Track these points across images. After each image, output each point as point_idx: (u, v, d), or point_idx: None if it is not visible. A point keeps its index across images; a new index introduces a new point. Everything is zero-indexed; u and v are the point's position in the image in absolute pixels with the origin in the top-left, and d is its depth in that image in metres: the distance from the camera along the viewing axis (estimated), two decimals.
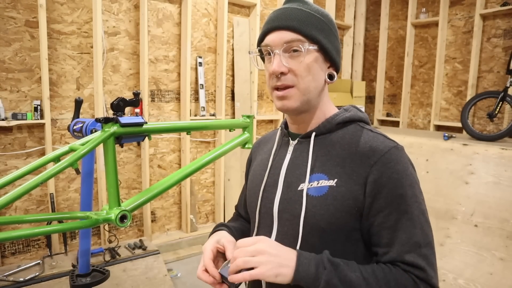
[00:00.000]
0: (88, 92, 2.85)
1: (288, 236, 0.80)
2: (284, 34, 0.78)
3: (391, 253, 0.73)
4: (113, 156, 0.80)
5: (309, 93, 0.80)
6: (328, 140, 0.83)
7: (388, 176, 0.74)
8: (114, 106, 0.82)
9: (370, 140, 0.79)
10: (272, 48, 0.79)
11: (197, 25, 3.38)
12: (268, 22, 0.82)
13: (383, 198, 0.74)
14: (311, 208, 0.77)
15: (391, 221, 0.74)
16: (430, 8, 4.36)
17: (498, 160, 2.65)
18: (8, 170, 2.56)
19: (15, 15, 2.48)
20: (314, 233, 0.77)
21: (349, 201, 0.75)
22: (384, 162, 0.75)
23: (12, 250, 2.61)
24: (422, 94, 4.53)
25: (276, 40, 0.79)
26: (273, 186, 0.86)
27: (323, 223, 0.76)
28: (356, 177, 0.76)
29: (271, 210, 0.85)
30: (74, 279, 1.42)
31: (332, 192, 0.76)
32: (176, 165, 3.41)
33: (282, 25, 0.78)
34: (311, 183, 0.79)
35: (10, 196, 0.65)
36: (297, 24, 0.78)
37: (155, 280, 2.63)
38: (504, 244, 2.40)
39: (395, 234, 0.74)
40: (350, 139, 0.81)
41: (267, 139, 1.02)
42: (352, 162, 0.77)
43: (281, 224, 0.83)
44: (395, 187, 0.74)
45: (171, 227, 3.47)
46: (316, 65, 0.80)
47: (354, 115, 0.86)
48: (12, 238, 0.65)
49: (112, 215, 0.76)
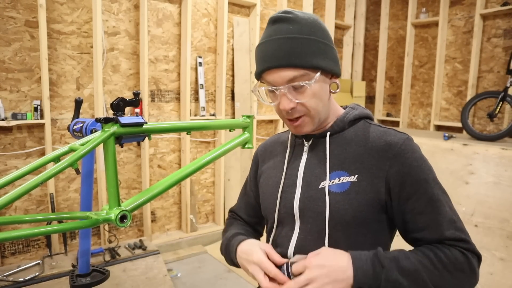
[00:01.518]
0: (88, 92, 2.85)
1: (312, 232, 0.83)
2: (285, 73, 0.77)
3: (432, 235, 0.78)
4: (113, 156, 0.80)
5: (319, 113, 0.83)
6: (342, 138, 0.87)
7: (409, 165, 0.80)
8: (114, 106, 0.82)
9: (383, 135, 0.84)
10: (277, 87, 0.79)
11: (197, 25, 3.38)
12: (264, 59, 0.80)
13: (409, 186, 0.79)
14: (334, 203, 0.81)
15: (422, 206, 0.79)
16: (430, 8, 4.36)
17: (498, 160, 2.65)
18: (8, 170, 2.56)
19: (15, 15, 2.48)
20: (339, 228, 0.81)
21: (371, 194, 0.80)
22: (401, 154, 0.80)
23: (12, 250, 2.61)
24: (422, 94, 4.53)
25: (279, 81, 0.79)
26: (292, 186, 0.88)
27: (347, 217, 0.80)
28: (376, 171, 0.80)
29: (292, 209, 0.87)
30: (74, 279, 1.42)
31: (354, 187, 0.81)
32: (176, 165, 3.41)
33: (281, 64, 0.77)
34: (332, 181, 0.83)
35: (10, 196, 0.65)
36: (296, 60, 0.77)
37: (155, 280, 2.62)
38: (504, 244, 2.40)
39: (429, 217, 0.79)
40: (363, 136, 0.86)
41: (274, 143, 1.04)
42: (370, 157, 0.82)
43: (303, 222, 0.85)
44: (418, 173, 0.80)
45: (171, 227, 3.47)
46: (321, 88, 0.81)
47: (362, 112, 0.91)
48: (12, 238, 0.65)
49: (112, 215, 0.76)
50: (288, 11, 0.81)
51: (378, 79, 4.94)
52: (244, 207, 1.10)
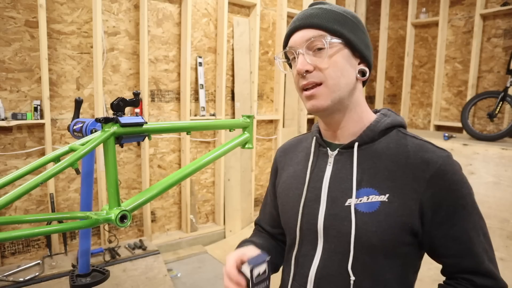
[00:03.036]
0: (88, 92, 2.85)
1: (337, 253, 0.77)
2: (305, 33, 0.76)
3: (465, 263, 0.74)
4: (113, 156, 0.80)
5: (339, 89, 0.76)
6: (372, 150, 0.78)
7: (446, 189, 0.72)
8: (114, 106, 0.82)
9: (419, 150, 0.75)
10: (296, 49, 0.78)
11: (197, 25, 3.38)
12: (290, 24, 0.81)
13: (444, 211, 0.73)
14: (361, 225, 0.73)
15: (457, 232, 0.73)
16: (430, 8, 4.36)
17: (498, 160, 2.65)
18: (8, 170, 2.55)
19: (15, 15, 2.48)
20: (365, 251, 0.74)
21: (402, 217, 0.72)
22: (440, 175, 0.72)
23: (12, 250, 2.61)
24: (422, 94, 4.53)
25: (298, 40, 0.77)
26: (315, 201, 0.81)
27: (375, 240, 0.73)
28: (409, 192, 0.72)
29: (315, 226, 0.80)
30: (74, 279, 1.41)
31: (384, 208, 0.73)
32: (176, 165, 3.41)
33: (302, 24, 0.77)
34: (359, 198, 0.75)
35: (10, 196, 0.65)
36: (317, 20, 0.76)
37: (155, 280, 2.62)
38: (504, 244, 2.40)
39: (463, 246, 0.73)
40: (396, 149, 0.77)
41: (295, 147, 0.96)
42: (403, 175, 0.74)
43: (327, 241, 0.79)
44: (455, 198, 0.73)
45: (171, 227, 3.47)
46: (343, 60, 0.76)
47: (394, 120, 0.81)
48: (12, 238, 0.65)
49: (112, 215, 0.76)
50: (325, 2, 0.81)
51: (378, 79, 4.94)
52: (268, 218, 1.01)
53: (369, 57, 0.79)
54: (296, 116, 4.22)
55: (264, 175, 4.12)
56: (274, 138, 4.08)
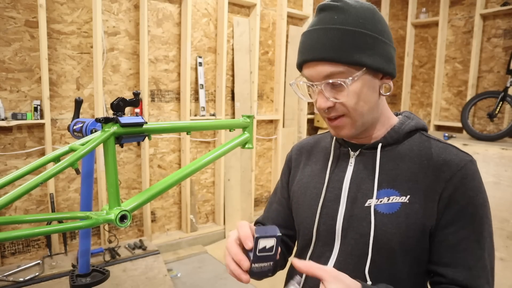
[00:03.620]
0: (88, 92, 2.85)
1: (353, 256, 0.74)
2: (322, 68, 0.69)
3: (455, 275, 0.69)
4: (113, 156, 0.80)
5: (363, 117, 0.73)
6: (396, 152, 0.77)
7: (462, 192, 0.70)
8: (114, 106, 0.82)
9: (443, 152, 0.74)
10: (313, 82, 0.72)
11: (197, 25, 3.38)
12: (302, 51, 0.72)
13: (451, 215, 0.70)
14: (381, 226, 0.71)
15: (456, 239, 0.70)
16: (430, 8, 4.36)
17: (498, 160, 2.66)
18: (8, 170, 2.55)
19: (15, 15, 2.48)
20: (383, 254, 0.72)
21: (423, 219, 0.70)
22: (460, 177, 0.70)
23: (12, 250, 2.61)
24: (422, 94, 4.53)
25: (315, 75, 0.71)
26: (335, 201, 0.79)
27: (394, 243, 0.71)
28: (430, 194, 0.71)
29: (333, 227, 0.78)
30: (74, 279, 1.41)
31: (405, 209, 0.71)
32: (176, 165, 3.41)
33: (317, 57, 0.69)
34: (380, 199, 0.73)
35: (10, 196, 0.65)
36: (334, 54, 0.68)
37: (155, 280, 2.62)
38: (504, 244, 2.40)
39: (459, 255, 0.69)
40: (419, 151, 0.75)
41: (312, 146, 0.92)
42: (425, 177, 0.72)
43: (344, 243, 0.76)
44: (468, 204, 0.70)
45: (171, 227, 3.47)
46: (365, 88, 0.71)
47: (418, 123, 0.80)
48: (12, 238, 0.65)
49: (112, 215, 0.76)
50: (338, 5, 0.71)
51: None
52: (275, 217, 0.95)
53: (392, 69, 0.74)
54: (296, 116, 4.22)
55: (264, 175, 4.12)
56: (274, 138, 4.08)
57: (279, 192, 0.97)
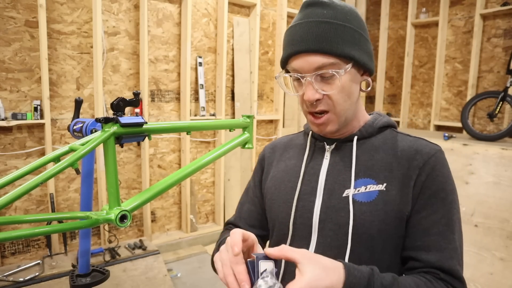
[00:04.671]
0: (88, 92, 2.85)
1: (332, 247, 0.74)
2: (314, 59, 0.70)
3: (430, 258, 0.70)
4: (113, 156, 0.80)
5: (346, 112, 0.76)
6: (369, 144, 0.80)
7: (433, 178, 0.74)
8: (114, 106, 0.82)
9: (414, 143, 0.78)
10: (302, 74, 0.72)
11: (197, 25, 3.38)
12: (292, 43, 0.72)
13: (424, 200, 0.73)
14: (360, 215, 0.72)
15: (428, 223, 0.72)
16: (430, 8, 4.36)
17: (498, 160, 2.65)
18: (8, 170, 2.56)
19: (15, 15, 2.48)
20: (363, 243, 0.72)
21: (400, 206, 0.72)
22: (431, 165, 0.74)
23: (12, 250, 2.61)
24: (422, 94, 4.53)
25: (306, 67, 0.71)
26: (311, 194, 0.79)
27: (373, 230, 0.72)
28: (405, 180, 0.74)
29: (310, 220, 0.77)
30: (74, 279, 1.41)
31: (383, 197, 0.73)
32: (176, 165, 3.41)
33: (310, 49, 0.69)
34: (357, 189, 0.74)
35: (10, 196, 0.65)
36: (327, 45, 0.69)
37: (155, 280, 2.62)
38: (504, 244, 2.40)
39: (434, 238, 0.71)
40: (392, 144, 0.79)
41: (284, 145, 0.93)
42: (399, 165, 0.75)
43: (322, 235, 0.76)
44: (439, 190, 0.73)
45: (171, 227, 3.47)
46: (350, 82, 0.73)
47: (389, 120, 0.85)
48: (12, 238, 0.65)
49: (112, 215, 0.76)
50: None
51: (378, 79, 4.94)
52: (247, 217, 0.94)
53: (372, 66, 0.78)
54: (296, 116, 4.22)
55: None
56: (274, 138, 4.08)
57: (251, 192, 0.96)
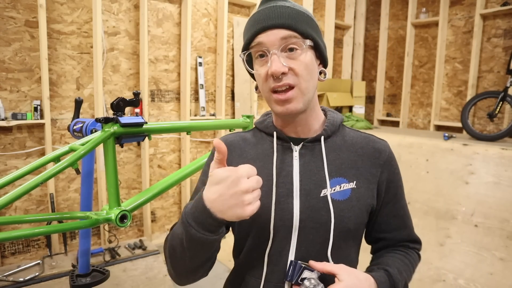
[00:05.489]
0: (88, 92, 2.85)
1: (315, 243, 0.79)
2: (278, 31, 0.74)
3: (401, 235, 0.90)
4: (113, 156, 0.80)
5: (309, 92, 0.78)
6: (333, 143, 0.85)
7: (393, 172, 0.87)
8: (114, 106, 0.82)
9: (368, 141, 0.87)
10: (268, 48, 0.74)
11: (197, 25, 3.38)
12: (258, 21, 0.76)
13: (391, 192, 0.86)
14: (339, 212, 0.79)
15: (396, 210, 0.88)
16: (430, 8, 4.36)
17: (498, 160, 2.65)
18: (8, 170, 2.56)
19: (15, 15, 2.48)
20: (342, 236, 0.80)
21: (368, 200, 0.82)
22: (389, 161, 0.86)
23: (12, 250, 2.61)
24: (422, 94, 4.53)
25: (272, 39, 0.74)
26: (287, 196, 0.80)
27: (351, 224, 0.80)
28: (370, 177, 0.83)
29: (290, 221, 0.79)
30: (74, 279, 1.42)
31: (355, 194, 0.81)
32: (176, 165, 3.41)
33: (276, 24, 0.73)
34: (333, 188, 0.80)
35: (10, 196, 0.65)
36: (291, 21, 0.74)
37: (155, 280, 2.63)
38: (504, 244, 2.40)
39: (401, 220, 0.89)
40: (351, 142, 0.86)
41: (240, 144, 0.89)
42: (363, 163, 0.84)
43: (304, 233, 0.79)
44: (398, 180, 0.88)
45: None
46: (312, 62, 0.78)
47: (341, 116, 0.91)
48: (12, 238, 0.65)
49: (112, 215, 0.76)
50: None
51: (378, 79, 4.94)
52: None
53: (327, 58, 0.84)
54: None
55: None
56: None
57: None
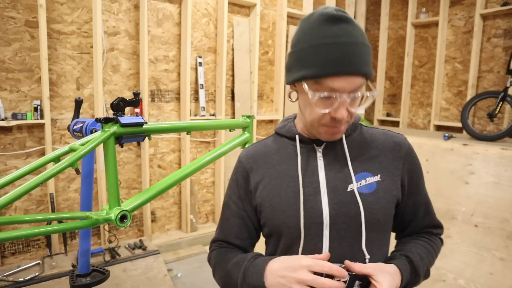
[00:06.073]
0: (88, 92, 2.85)
1: (348, 238, 0.81)
2: (355, 80, 0.73)
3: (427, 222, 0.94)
4: (113, 156, 0.80)
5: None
6: (353, 140, 0.88)
7: (414, 163, 0.90)
8: (114, 106, 0.82)
9: (387, 136, 0.91)
10: (338, 93, 0.73)
11: (197, 25, 3.38)
12: (332, 62, 0.71)
13: (414, 182, 0.90)
14: (367, 205, 0.82)
15: (421, 198, 0.92)
16: (430, 8, 4.36)
17: (498, 160, 2.65)
18: (8, 170, 2.55)
19: (15, 15, 2.48)
20: (373, 228, 0.83)
21: (393, 192, 0.85)
22: (409, 153, 0.90)
23: (12, 250, 2.61)
24: (422, 94, 4.53)
25: (347, 87, 0.73)
26: (315, 194, 0.83)
27: (380, 216, 0.83)
28: (393, 170, 0.86)
29: (320, 218, 0.81)
30: (74, 279, 1.42)
31: (381, 186, 0.84)
32: (176, 165, 3.41)
33: (352, 72, 0.72)
34: (359, 182, 0.83)
35: (10, 196, 0.65)
36: (366, 68, 0.73)
37: (155, 280, 2.62)
38: (504, 244, 2.40)
39: (425, 208, 0.94)
40: (370, 138, 0.90)
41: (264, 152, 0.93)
42: (385, 157, 0.87)
43: (335, 229, 0.81)
44: (419, 170, 0.92)
45: (171, 227, 3.47)
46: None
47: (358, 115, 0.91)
48: (12, 238, 0.65)
49: (112, 215, 0.76)
50: (341, 9, 0.75)
51: (378, 79, 4.94)
52: (238, 231, 0.95)
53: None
54: None
55: None
56: None
57: (233, 206, 0.94)
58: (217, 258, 0.95)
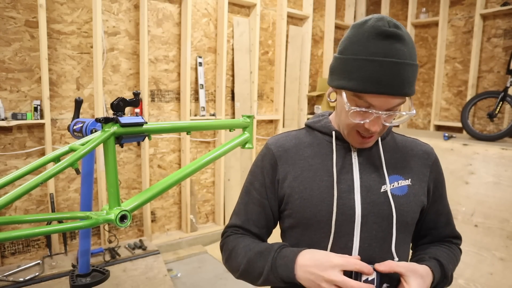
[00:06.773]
0: (88, 92, 2.85)
1: (378, 238, 0.83)
2: (393, 101, 0.74)
3: (447, 231, 0.97)
4: (113, 156, 0.80)
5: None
6: (387, 144, 0.91)
7: (440, 173, 0.94)
8: (114, 106, 0.82)
9: (416, 144, 0.95)
10: (375, 109, 0.75)
11: (197, 25, 3.38)
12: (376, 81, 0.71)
13: (438, 191, 0.93)
14: (399, 206, 0.84)
15: (442, 208, 0.95)
16: (430, 8, 4.36)
17: (498, 160, 2.65)
18: (8, 170, 2.55)
19: (15, 15, 2.48)
20: (403, 230, 0.85)
21: (421, 197, 0.88)
22: (436, 162, 0.93)
23: (12, 250, 2.61)
24: (422, 94, 4.53)
25: (384, 106, 0.74)
26: (349, 192, 0.84)
27: (409, 218, 0.86)
28: (422, 176, 0.90)
29: (352, 216, 0.82)
30: (74, 279, 1.41)
31: (411, 190, 0.87)
32: (176, 165, 3.41)
33: (394, 93, 0.72)
34: (392, 184, 0.85)
35: (10, 196, 0.65)
36: (408, 90, 0.73)
37: (155, 280, 2.62)
38: (504, 244, 2.40)
39: (446, 217, 0.97)
40: (401, 144, 0.93)
41: (295, 143, 0.92)
42: (415, 163, 0.90)
43: (367, 228, 0.82)
44: (443, 180, 0.95)
45: (171, 227, 3.47)
46: None
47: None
48: (12, 238, 0.65)
49: (112, 215, 0.76)
50: (396, 24, 0.73)
51: None
52: (257, 219, 0.93)
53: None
54: (296, 116, 4.22)
55: None
56: None
57: (255, 193, 0.93)
58: (234, 244, 0.91)
